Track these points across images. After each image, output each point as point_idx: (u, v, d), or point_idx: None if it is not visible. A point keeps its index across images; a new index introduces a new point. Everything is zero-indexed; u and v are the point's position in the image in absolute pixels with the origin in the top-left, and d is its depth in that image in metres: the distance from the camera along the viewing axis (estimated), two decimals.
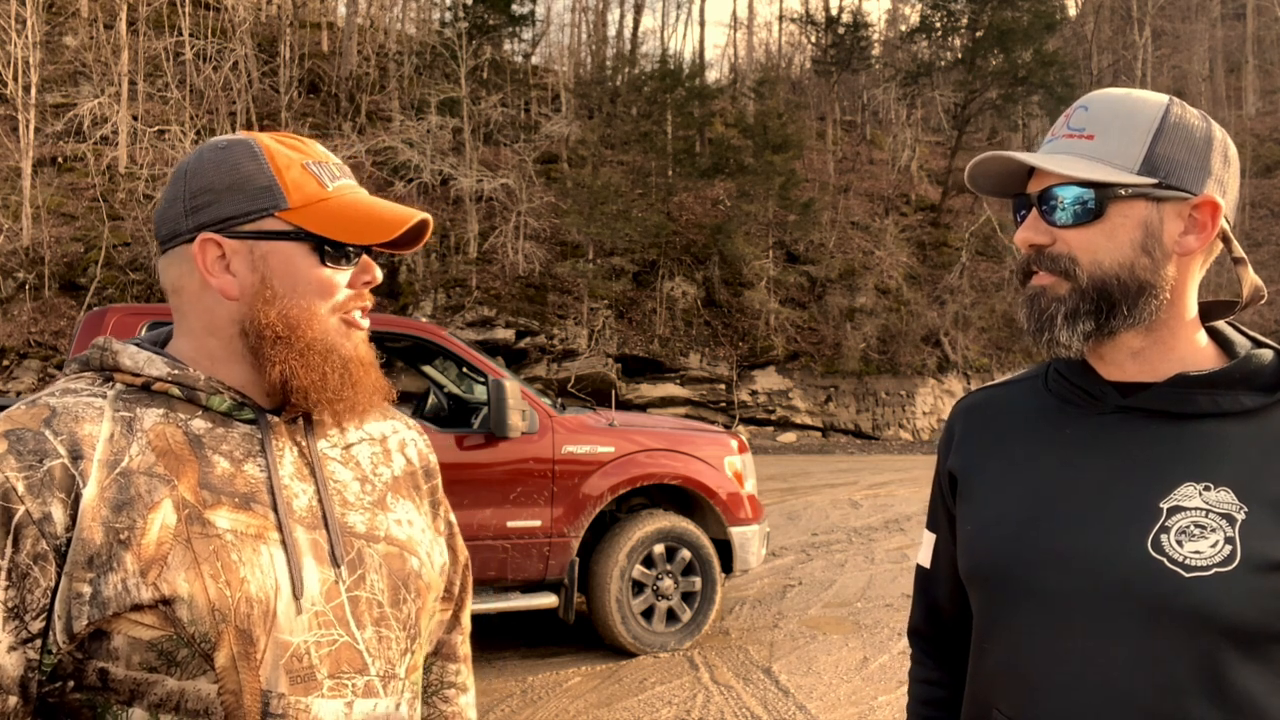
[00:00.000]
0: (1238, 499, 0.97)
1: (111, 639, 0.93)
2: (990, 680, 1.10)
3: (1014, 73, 23.70)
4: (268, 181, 1.06)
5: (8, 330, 16.54)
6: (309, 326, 1.07)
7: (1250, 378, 1.03)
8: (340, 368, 1.08)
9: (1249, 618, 0.94)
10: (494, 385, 5.35)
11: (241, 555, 0.98)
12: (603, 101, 25.53)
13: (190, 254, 1.07)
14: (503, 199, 20.07)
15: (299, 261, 1.07)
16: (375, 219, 1.08)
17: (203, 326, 1.09)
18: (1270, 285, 25.15)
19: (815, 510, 11.25)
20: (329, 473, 1.11)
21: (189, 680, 0.95)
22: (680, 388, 20.24)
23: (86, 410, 1.00)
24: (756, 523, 6.06)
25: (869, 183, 26.56)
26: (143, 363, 1.05)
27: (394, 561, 1.11)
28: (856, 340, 21.38)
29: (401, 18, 29.20)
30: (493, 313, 18.88)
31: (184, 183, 1.08)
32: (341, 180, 1.11)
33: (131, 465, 0.98)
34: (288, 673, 0.98)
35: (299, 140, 1.12)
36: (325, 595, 1.03)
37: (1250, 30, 35.78)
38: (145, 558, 0.94)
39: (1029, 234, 1.07)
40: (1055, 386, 1.15)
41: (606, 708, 4.87)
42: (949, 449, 1.25)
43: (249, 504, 1.02)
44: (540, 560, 5.52)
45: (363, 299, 1.12)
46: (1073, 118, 1.08)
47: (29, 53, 18.79)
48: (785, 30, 37.78)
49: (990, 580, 1.10)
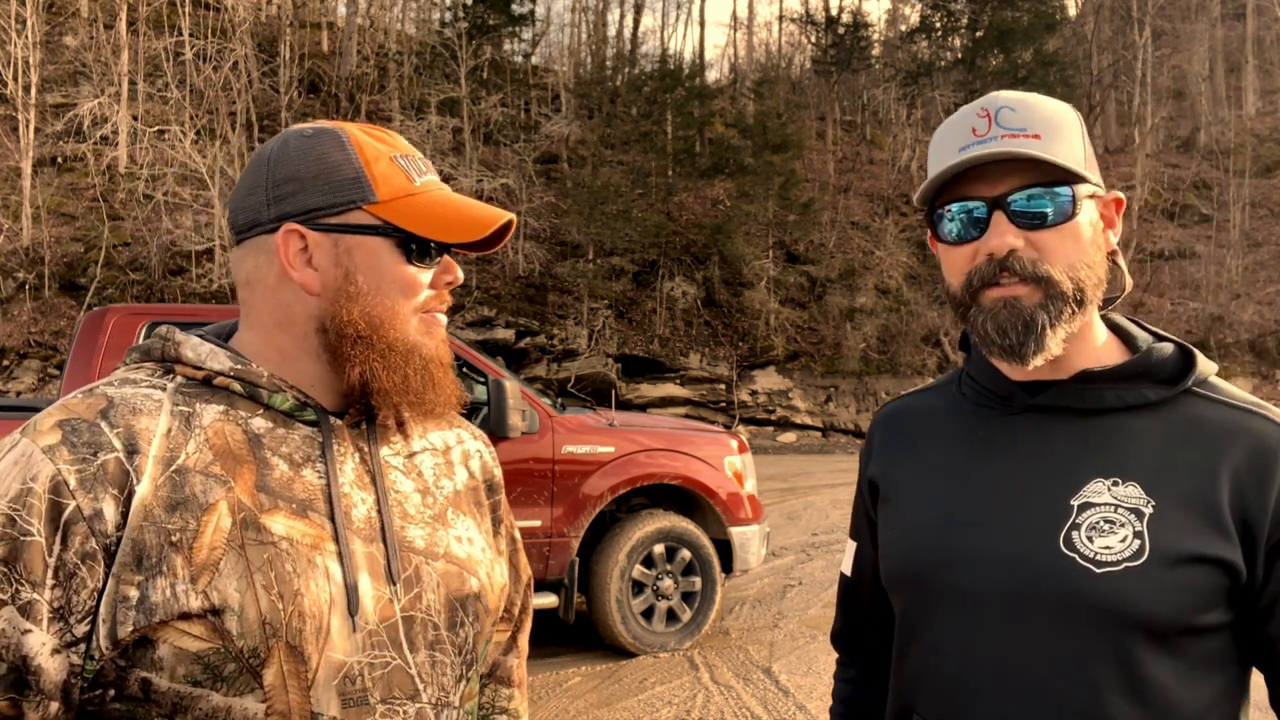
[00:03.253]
0: (1145, 493, 0.98)
1: (157, 648, 0.88)
2: (911, 683, 1.10)
3: (1014, 73, 23.72)
4: (355, 173, 1.01)
5: (8, 330, 16.55)
6: (392, 326, 1.01)
7: (1152, 370, 1.04)
8: (422, 369, 1.03)
9: (1159, 611, 0.95)
10: (494, 385, 5.36)
11: (296, 566, 0.93)
12: (603, 101, 25.54)
13: (271, 245, 1.01)
14: (503, 199, 20.08)
15: (384, 258, 1.02)
16: (464, 217, 1.03)
17: (275, 321, 1.03)
18: (1270, 285, 25.17)
19: (815, 510, 11.25)
20: (390, 482, 1.05)
21: (235, 697, 0.90)
22: (680, 388, 20.24)
23: (145, 403, 0.95)
24: (756, 523, 6.06)
25: (869, 183, 26.57)
26: (205, 355, 1.00)
27: (453, 581, 1.05)
28: (856, 340, 21.39)
29: (401, 18, 29.23)
30: (493, 313, 18.88)
31: (267, 170, 1.02)
32: (428, 176, 1.06)
33: (188, 463, 0.93)
34: (340, 695, 0.93)
35: (386, 133, 1.07)
36: (379, 614, 0.97)
37: (1250, 30, 35.78)
38: (197, 563, 0.89)
39: (1005, 238, 1.01)
40: (968, 391, 1.15)
41: (606, 708, 4.87)
42: (869, 458, 1.24)
43: (306, 511, 0.96)
44: (540, 560, 5.52)
45: (443, 300, 1.07)
46: (999, 117, 1.03)
47: (29, 53, 18.80)
48: (785, 30, 37.83)
49: (910, 584, 1.10)
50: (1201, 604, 0.96)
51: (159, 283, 17.33)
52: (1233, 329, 23.15)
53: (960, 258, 1.05)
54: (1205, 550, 0.95)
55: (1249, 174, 27.90)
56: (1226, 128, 30.83)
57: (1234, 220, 26.75)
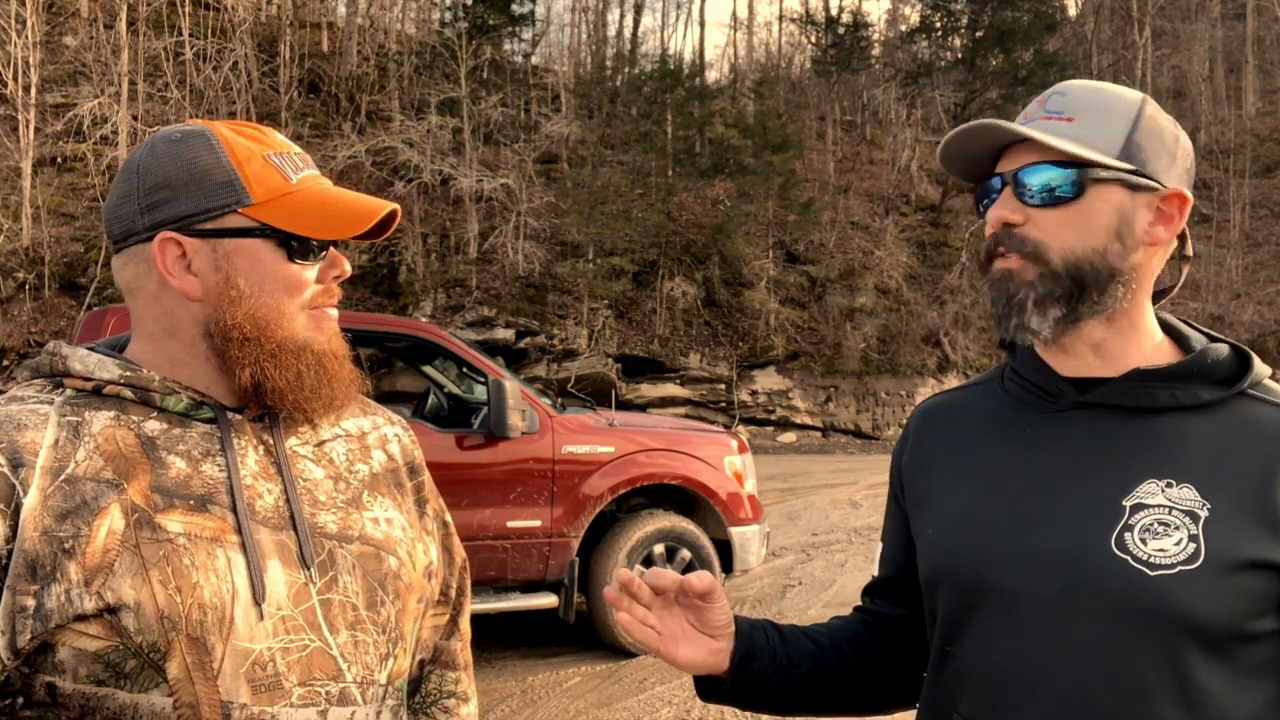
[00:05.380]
0: (1200, 495, 0.96)
1: (56, 651, 0.89)
2: (952, 684, 1.07)
3: (1014, 73, 23.71)
4: (228, 176, 1.00)
5: (8, 330, 16.54)
6: (279, 325, 1.02)
7: (1207, 371, 1.02)
8: (315, 364, 1.04)
9: (1213, 617, 0.93)
10: (494, 385, 5.35)
11: (195, 559, 0.93)
12: (602, 101, 25.52)
13: (147, 254, 1.01)
14: (503, 199, 20.07)
15: (265, 259, 1.01)
16: (343, 211, 1.03)
17: (162, 329, 1.03)
18: (1270, 285, 25.18)
19: (815, 510, 11.25)
20: (299, 471, 1.06)
21: (141, 693, 0.90)
22: (680, 388, 20.24)
23: (30, 417, 0.95)
24: (756, 523, 6.06)
25: (869, 183, 26.56)
26: (93, 366, 1.00)
27: (369, 562, 1.05)
28: (856, 340, 21.38)
29: (401, 18, 29.21)
30: (493, 313, 18.88)
31: (137, 178, 1.01)
32: (305, 171, 1.06)
33: (77, 471, 0.93)
34: (249, 682, 0.94)
35: (258, 130, 1.06)
36: (294, 599, 0.98)
37: (1250, 30, 35.77)
38: (90, 566, 0.90)
39: (1004, 211, 1.04)
40: (1012, 387, 1.13)
41: (606, 708, 4.87)
42: (904, 453, 1.22)
43: (205, 505, 0.97)
44: (540, 560, 5.52)
45: (332, 294, 1.07)
46: (1048, 102, 1.05)
47: (29, 53, 18.80)
48: (785, 30, 37.81)
49: (952, 583, 1.08)
50: (1255, 610, 0.94)
51: None
52: (1233, 329, 23.14)
53: (993, 223, 1.07)
54: (1262, 555, 0.93)
55: (1249, 174, 27.90)
56: (1226, 128, 30.83)
57: (1234, 220, 26.75)
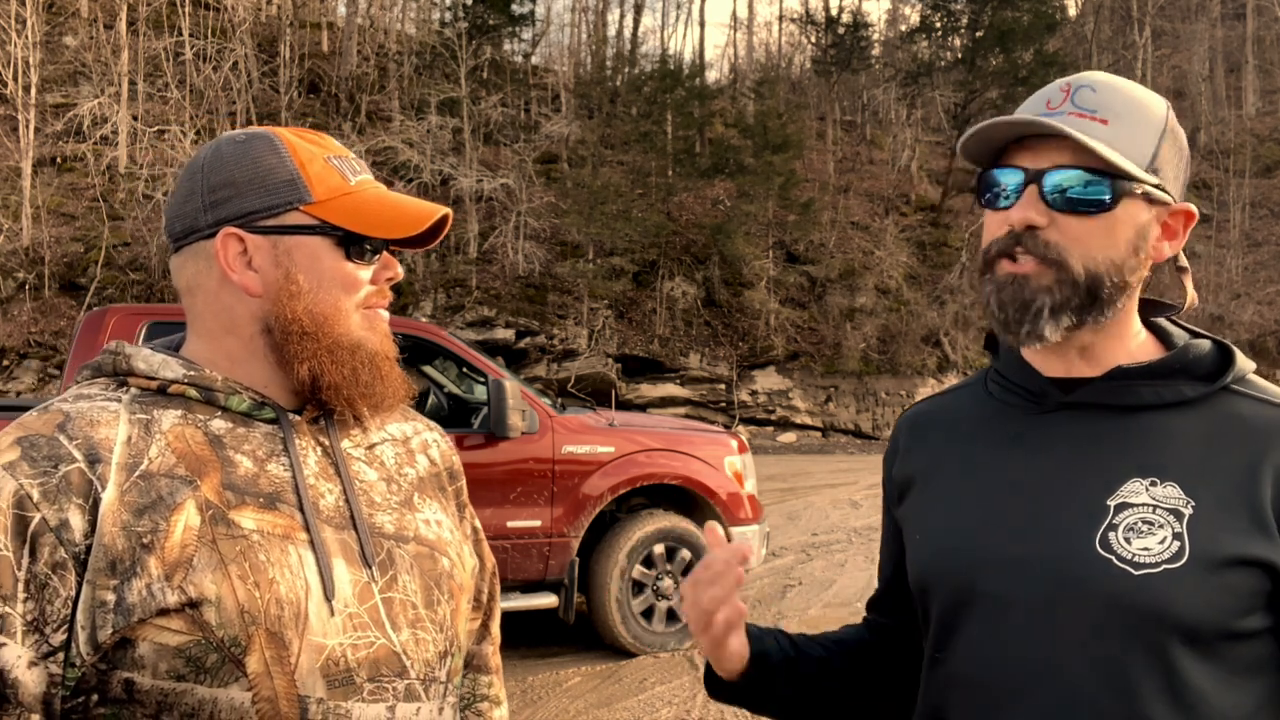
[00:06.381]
0: (1184, 493, 0.95)
1: (137, 646, 0.90)
2: (942, 689, 1.07)
3: (1014, 73, 23.70)
4: (291, 175, 1.03)
5: (8, 330, 16.54)
6: (336, 322, 1.04)
7: (1190, 367, 1.02)
8: (369, 362, 1.06)
9: (1200, 615, 0.92)
10: (494, 385, 5.36)
11: (269, 556, 0.95)
12: (602, 101, 25.52)
13: (209, 250, 1.03)
14: (503, 199, 20.07)
15: (324, 256, 1.04)
16: (400, 213, 1.06)
17: (221, 326, 1.05)
18: (1270, 285, 25.18)
19: (815, 510, 11.25)
20: (355, 472, 1.08)
21: (220, 688, 0.91)
22: (680, 388, 20.24)
23: (102, 414, 0.97)
24: (756, 523, 6.06)
25: (869, 183, 26.55)
26: (157, 365, 1.02)
27: (425, 562, 1.08)
28: (856, 340, 21.38)
29: (401, 18, 29.20)
30: (493, 313, 18.88)
31: (202, 177, 1.04)
32: (363, 175, 1.09)
33: (152, 468, 0.95)
34: (325, 677, 0.95)
35: (318, 135, 1.09)
36: (358, 597, 1.00)
37: (1250, 30, 35.77)
38: (169, 561, 0.91)
39: (1028, 213, 0.99)
40: (996, 389, 1.12)
41: (606, 708, 4.87)
42: (894, 461, 1.22)
43: (274, 504, 0.99)
44: (540, 560, 5.52)
45: (384, 295, 1.10)
46: (1077, 96, 1.00)
47: (29, 53, 18.80)
48: (785, 30, 37.79)
49: (940, 587, 1.07)
50: (1243, 608, 0.93)
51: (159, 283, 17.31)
52: (1233, 329, 23.14)
53: (994, 224, 1.04)
54: (1247, 552, 0.92)
55: (1249, 174, 27.90)
56: (1226, 128, 30.83)
57: (1234, 220, 26.75)
